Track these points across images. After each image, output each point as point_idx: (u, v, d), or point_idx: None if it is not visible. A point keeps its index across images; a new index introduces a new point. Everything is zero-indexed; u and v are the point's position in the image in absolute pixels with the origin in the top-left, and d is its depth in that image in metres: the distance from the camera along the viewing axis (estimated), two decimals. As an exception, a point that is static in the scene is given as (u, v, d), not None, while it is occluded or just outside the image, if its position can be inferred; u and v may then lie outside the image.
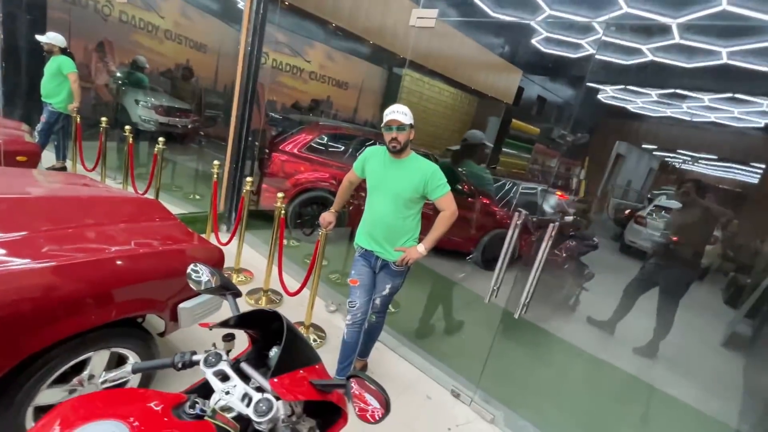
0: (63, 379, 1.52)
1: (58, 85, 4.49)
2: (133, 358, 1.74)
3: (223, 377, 0.99)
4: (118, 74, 6.78)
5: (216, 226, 3.67)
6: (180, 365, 1.06)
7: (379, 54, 9.17)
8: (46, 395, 1.47)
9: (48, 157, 4.86)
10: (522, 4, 4.80)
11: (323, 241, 2.67)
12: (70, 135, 4.69)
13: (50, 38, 4.42)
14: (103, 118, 4.34)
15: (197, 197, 5.32)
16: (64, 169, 4.93)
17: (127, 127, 4.18)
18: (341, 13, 5.78)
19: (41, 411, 1.48)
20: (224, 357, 1.06)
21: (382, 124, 2.00)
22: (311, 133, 4.88)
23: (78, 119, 4.48)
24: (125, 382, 1.77)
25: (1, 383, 1.32)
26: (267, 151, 4.84)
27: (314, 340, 2.81)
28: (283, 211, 2.99)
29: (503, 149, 7.67)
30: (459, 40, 5.29)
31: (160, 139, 3.96)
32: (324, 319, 3.13)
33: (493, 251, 4.94)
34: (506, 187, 6.04)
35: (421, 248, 2.08)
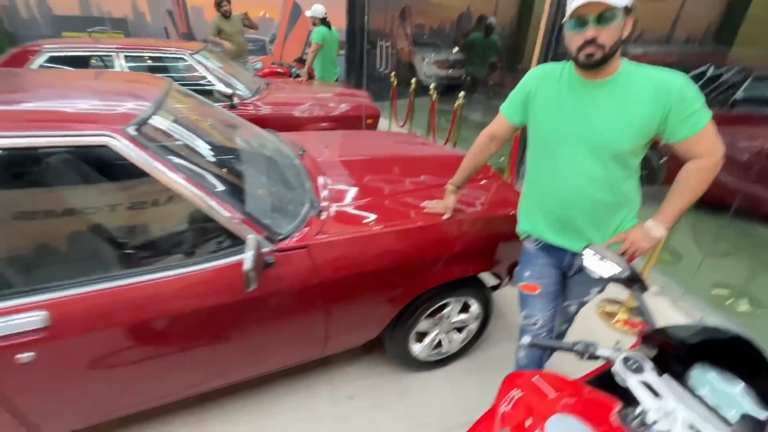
0: (431, 315, 1.82)
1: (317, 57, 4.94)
2: (475, 306, 1.91)
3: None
4: (474, 35, 6.10)
5: (513, 178, 3.63)
6: (584, 355, 0.97)
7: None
8: (422, 325, 1.80)
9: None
10: None
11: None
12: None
13: (313, 11, 4.75)
14: (413, 80, 4.96)
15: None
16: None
17: (432, 86, 4.62)
18: None
19: (420, 335, 1.86)
20: (649, 367, 0.89)
21: (567, 17, 1.09)
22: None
23: (395, 82, 5.31)
24: (465, 326, 1.98)
25: (399, 314, 1.68)
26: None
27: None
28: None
29: None
30: None
31: (461, 93, 4.16)
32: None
33: None
34: None
35: (658, 230, 1.21)
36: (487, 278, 1.98)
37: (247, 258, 1.14)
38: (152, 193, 1.26)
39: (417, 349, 1.87)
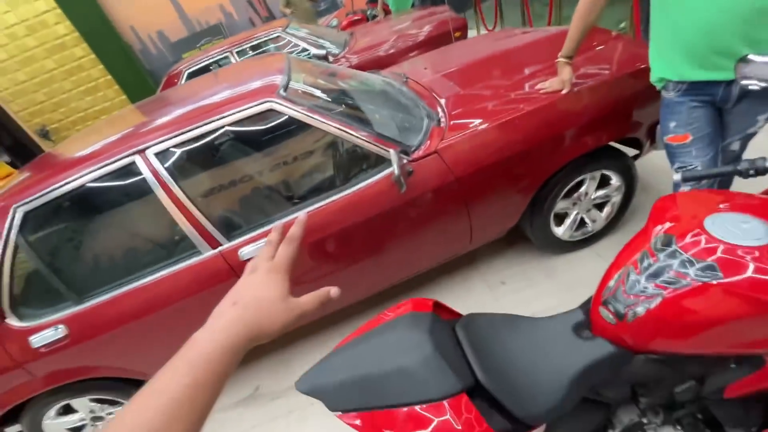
0: (567, 195, 1.85)
1: None
2: (615, 178, 1.85)
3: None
4: None
5: (640, 38, 3.11)
6: (748, 172, 0.93)
7: None
8: (559, 206, 1.85)
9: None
10: None
11: None
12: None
13: None
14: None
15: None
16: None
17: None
18: None
19: (560, 218, 1.92)
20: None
21: None
22: None
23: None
24: (607, 201, 1.95)
25: (535, 198, 1.76)
26: None
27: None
28: None
29: None
30: None
31: (554, -37, 3.61)
32: None
33: None
34: None
35: None
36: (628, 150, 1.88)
37: (394, 167, 1.38)
38: (313, 139, 1.59)
39: (560, 231, 1.94)
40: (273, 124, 1.53)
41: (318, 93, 1.69)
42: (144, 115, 1.93)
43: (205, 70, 3.93)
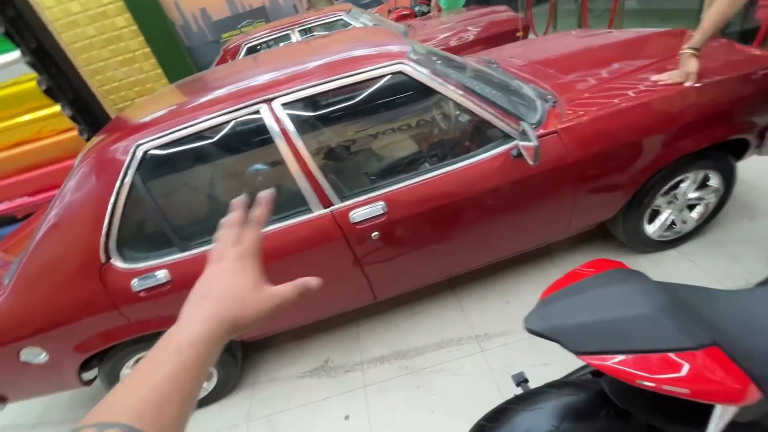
0: (666, 192, 1.83)
1: None
2: (715, 179, 1.83)
3: None
4: None
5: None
6: None
7: None
8: (658, 201, 1.84)
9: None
10: None
11: None
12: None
13: None
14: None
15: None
16: None
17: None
18: None
19: (654, 213, 1.90)
20: None
21: None
22: None
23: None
24: (698, 203, 1.93)
25: (638, 192, 1.74)
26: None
27: None
28: None
29: None
30: None
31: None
32: None
33: None
34: None
35: None
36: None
37: (531, 138, 1.36)
38: (431, 108, 1.57)
39: (650, 229, 1.92)
40: (396, 88, 1.51)
41: (439, 62, 1.68)
42: (238, 76, 1.87)
43: (262, 46, 3.93)
